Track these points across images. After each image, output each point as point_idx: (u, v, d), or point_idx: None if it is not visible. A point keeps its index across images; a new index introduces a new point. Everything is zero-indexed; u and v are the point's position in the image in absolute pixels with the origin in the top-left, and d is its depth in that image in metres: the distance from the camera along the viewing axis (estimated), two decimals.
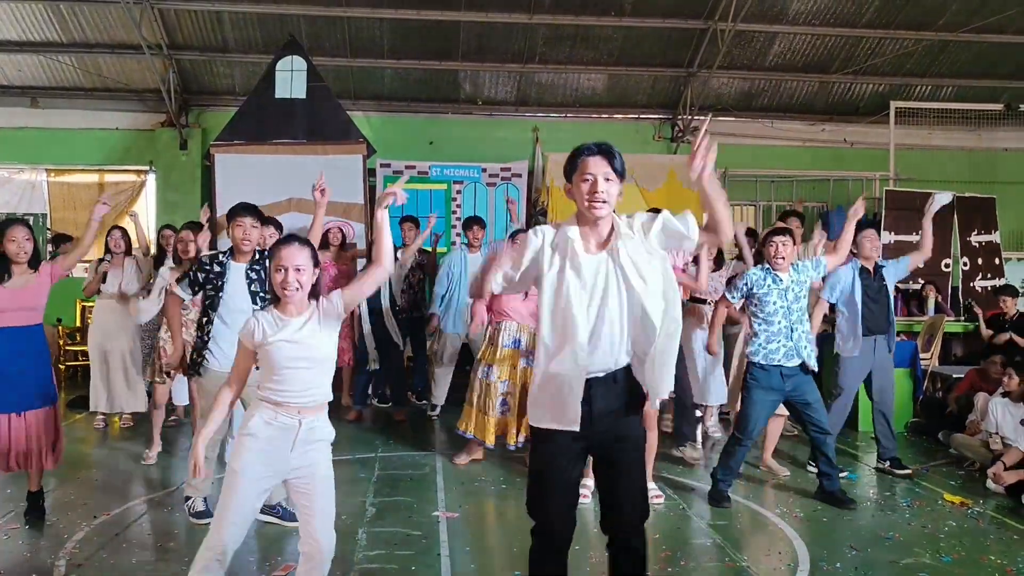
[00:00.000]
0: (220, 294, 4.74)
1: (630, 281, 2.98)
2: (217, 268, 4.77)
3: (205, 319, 4.80)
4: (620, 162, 3.04)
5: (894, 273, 6.34)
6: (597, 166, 3.00)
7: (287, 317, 3.22)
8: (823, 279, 5.94)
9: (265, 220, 5.09)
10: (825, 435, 5.53)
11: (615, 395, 3.06)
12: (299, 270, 3.19)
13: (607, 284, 2.99)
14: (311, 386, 3.20)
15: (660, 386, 3.05)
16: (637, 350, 3.05)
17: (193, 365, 4.82)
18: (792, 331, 5.39)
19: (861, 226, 6.26)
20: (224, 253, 4.86)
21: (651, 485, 5.44)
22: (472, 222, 8.11)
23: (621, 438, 3.10)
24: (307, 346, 3.18)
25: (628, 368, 3.08)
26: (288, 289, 3.17)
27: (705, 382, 7.14)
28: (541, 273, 3.04)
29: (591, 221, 3.03)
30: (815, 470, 5.81)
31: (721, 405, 7.51)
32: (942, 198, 6.21)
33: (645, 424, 5.36)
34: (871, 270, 6.23)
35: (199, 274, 4.78)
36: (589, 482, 5.31)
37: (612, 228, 3.04)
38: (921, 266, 6.73)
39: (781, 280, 5.42)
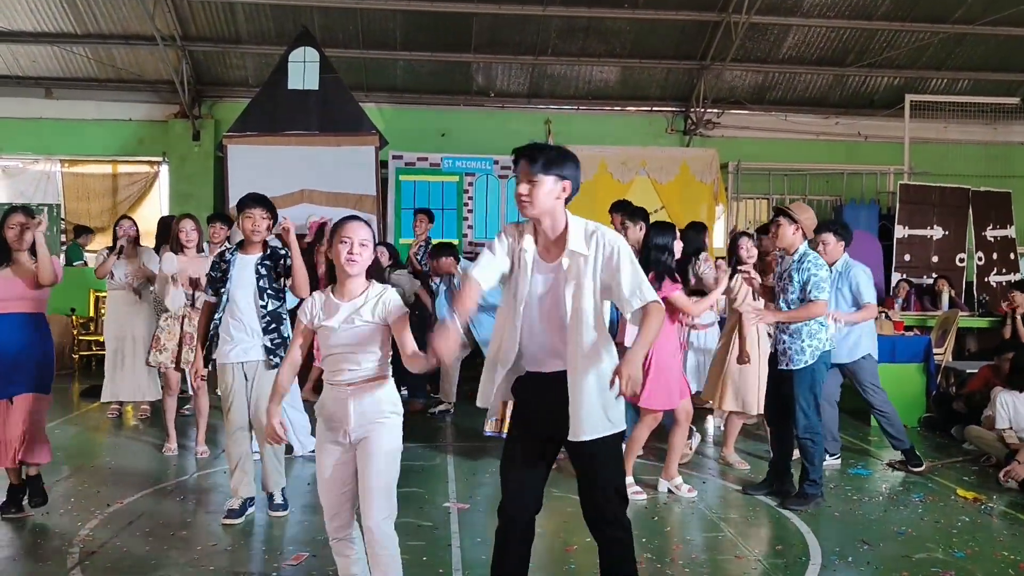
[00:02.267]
0: (225, 287, 4.76)
1: (566, 297, 3.01)
2: (223, 264, 4.79)
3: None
4: (546, 158, 3.03)
5: (844, 282, 6.00)
6: (521, 170, 3.06)
7: (340, 300, 3.27)
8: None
9: (275, 212, 5.03)
10: (800, 439, 5.25)
11: (553, 395, 3.05)
12: (364, 244, 3.25)
13: (547, 292, 3.05)
14: (356, 365, 3.25)
15: (580, 410, 3.02)
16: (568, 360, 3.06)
17: (206, 360, 4.89)
18: (777, 324, 5.30)
19: (817, 229, 6.15)
20: (231, 249, 4.87)
21: (677, 480, 5.44)
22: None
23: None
24: (352, 334, 3.24)
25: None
26: (353, 260, 3.22)
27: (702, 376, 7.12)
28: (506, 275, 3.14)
29: (535, 224, 3.10)
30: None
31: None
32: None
33: (682, 416, 5.35)
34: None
35: (215, 272, 4.82)
36: (630, 479, 5.31)
37: (565, 238, 3.05)
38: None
39: (781, 262, 5.38)
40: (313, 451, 6.08)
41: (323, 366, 3.37)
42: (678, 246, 5.68)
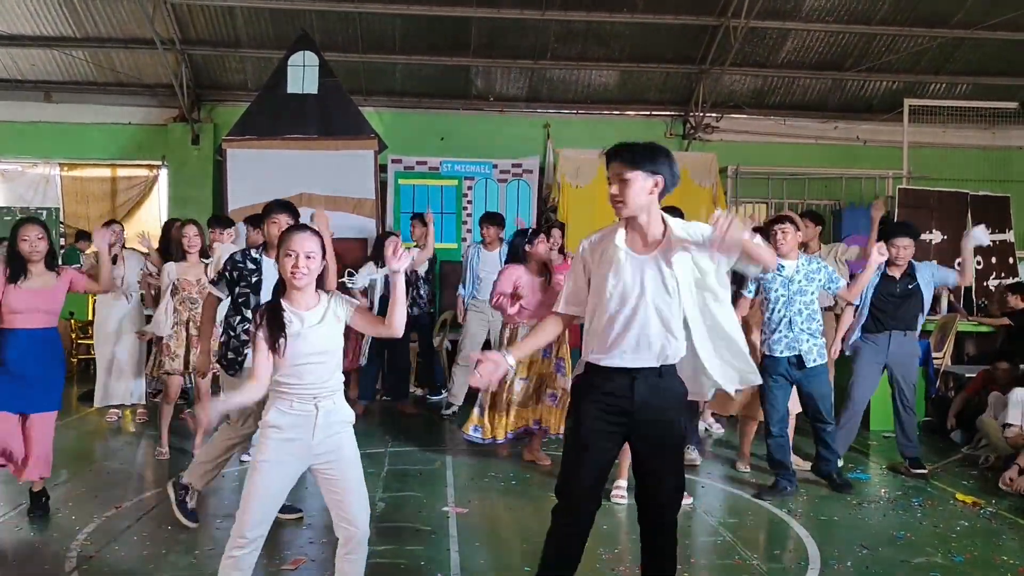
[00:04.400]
0: (258, 292, 4.66)
1: (669, 286, 3.07)
2: (251, 265, 4.70)
3: (240, 317, 4.71)
4: (636, 153, 3.08)
5: (930, 274, 6.19)
6: (612, 169, 3.10)
7: (300, 311, 3.20)
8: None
9: (298, 217, 4.94)
10: (824, 424, 5.59)
11: (658, 389, 3.13)
12: (310, 257, 3.19)
13: (648, 284, 3.08)
14: (324, 378, 3.21)
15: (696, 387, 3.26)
16: (669, 351, 3.13)
17: (231, 364, 4.73)
18: (791, 323, 5.39)
19: (892, 233, 6.24)
20: (257, 249, 4.82)
21: None
22: (485, 220, 8.11)
23: (660, 431, 3.16)
24: (322, 341, 3.20)
25: (671, 366, 3.15)
26: (298, 275, 3.17)
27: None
28: (591, 277, 3.21)
29: (625, 222, 3.14)
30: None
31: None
32: (980, 235, 6.08)
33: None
34: (897, 276, 6.18)
35: (233, 272, 4.72)
36: (623, 482, 5.33)
37: (665, 230, 3.12)
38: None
39: (784, 268, 5.42)
40: None
41: (281, 379, 3.19)
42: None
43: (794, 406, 5.80)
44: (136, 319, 7.25)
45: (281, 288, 3.26)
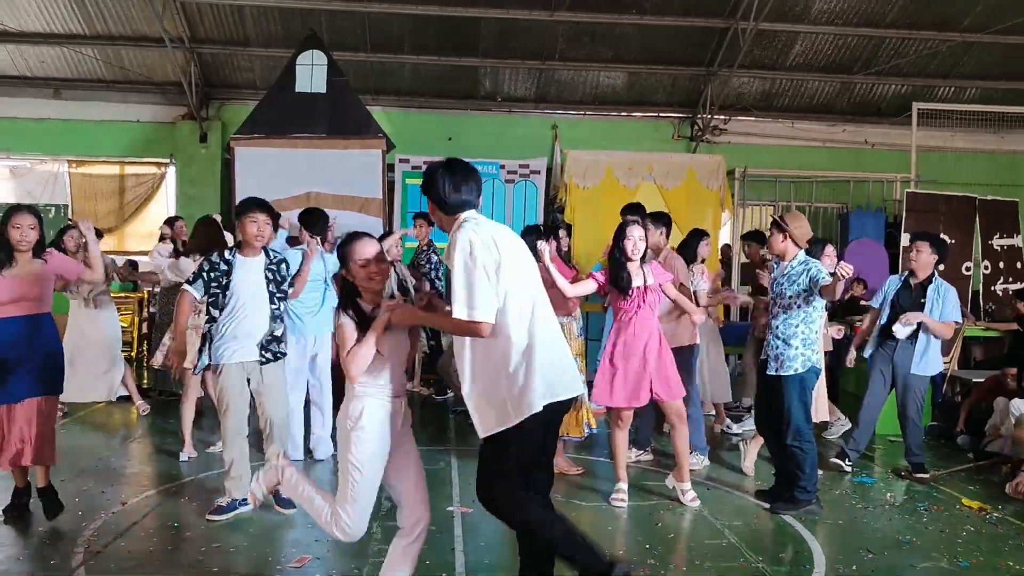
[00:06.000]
0: (227, 292, 4.75)
1: None
2: (224, 266, 4.78)
3: (208, 317, 4.84)
4: (422, 188, 3.47)
5: (941, 300, 6.09)
6: None
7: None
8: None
9: (277, 217, 5.05)
10: (784, 446, 5.26)
11: None
12: (381, 262, 3.43)
13: None
14: (402, 375, 3.46)
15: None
16: None
17: (210, 360, 4.86)
18: (771, 326, 5.28)
19: (912, 237, 6.26)
20: (230, 250, 4.88)
21: (686, 485, 5.41)
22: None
23: None
24: (401, 342, 3.42)
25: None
26: (378, 280, 3.38)
27: (711, 382, 7.13)
28: None
29: None
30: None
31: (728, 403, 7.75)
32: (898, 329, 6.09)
33: (673, 418, 5.33)
34: (914, 285, 6.19)
35: (210, 272, 4.79)
36: (623, 485, 5.35)
37: None
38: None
39: (775, 269, 5.39)
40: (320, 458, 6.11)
41: (372, 379, 3.31)
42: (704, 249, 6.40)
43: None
44: (106, 322, 7.61)
45: (353, 295, 3.39)
